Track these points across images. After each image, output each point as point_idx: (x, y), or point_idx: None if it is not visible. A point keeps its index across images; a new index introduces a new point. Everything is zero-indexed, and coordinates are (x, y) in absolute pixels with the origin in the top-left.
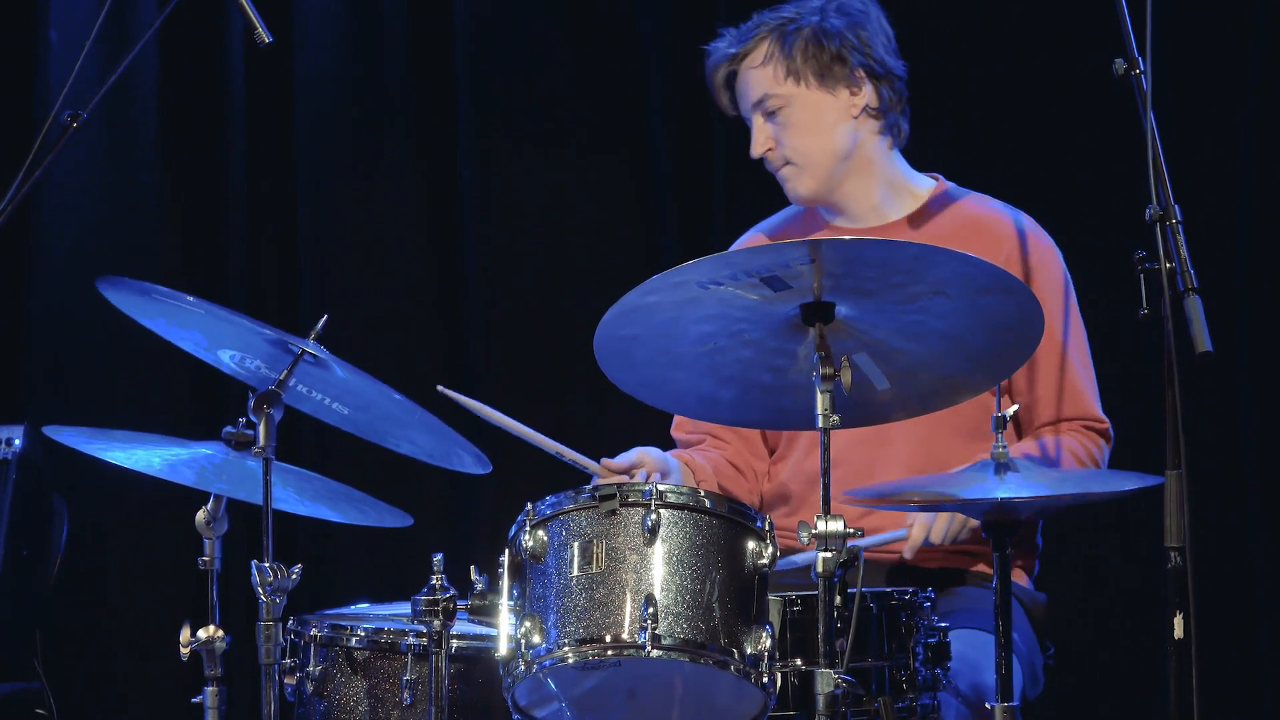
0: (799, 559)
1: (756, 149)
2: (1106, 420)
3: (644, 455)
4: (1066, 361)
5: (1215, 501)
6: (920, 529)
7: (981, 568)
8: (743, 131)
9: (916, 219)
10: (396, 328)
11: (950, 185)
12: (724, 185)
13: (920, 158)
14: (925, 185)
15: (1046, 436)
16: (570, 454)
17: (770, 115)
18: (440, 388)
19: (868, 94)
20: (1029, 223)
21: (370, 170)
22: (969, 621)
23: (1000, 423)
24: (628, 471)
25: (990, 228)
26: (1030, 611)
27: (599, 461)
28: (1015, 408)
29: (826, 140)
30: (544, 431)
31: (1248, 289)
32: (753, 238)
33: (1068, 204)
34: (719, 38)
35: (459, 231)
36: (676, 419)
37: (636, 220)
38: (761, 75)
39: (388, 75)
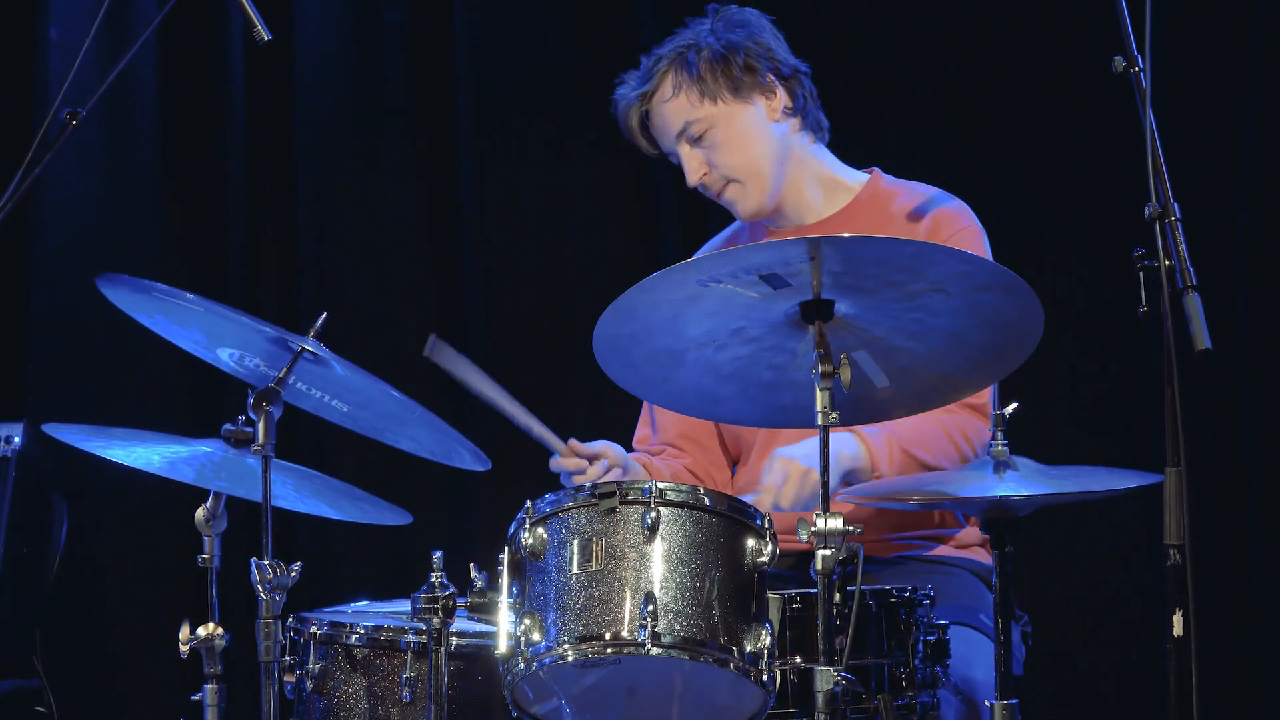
0: None
1: (692, 178)
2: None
3: (607, 448)
4: None
5: (1215, 499)
6: (768, 495)
7: (941, 551)
8: None
9: (848, 213)
10: (396, 326)
11: (886, 177)
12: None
13: (917, 157)
14: (857, 179)
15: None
16: (539, 429)
17: (696, 141)
18: (430, 344)
19: (782, 96)
20: (956, 205)
21: (370, 168)
22: (956, 616)
23: (1000, 420)
24: (591, 458)
25: (904, 210)
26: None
27: (567, 442)
28: (1015, 405)
29: (761, 148)
30: (546, 424)
31: (1247, 287)
32: (718, 243)
33: (1067, 202)
34: (621, 84)
35: (458, 230)
36: (638, 434)
37: (635, 219)
38: (676, 106)
39: (388, 73)
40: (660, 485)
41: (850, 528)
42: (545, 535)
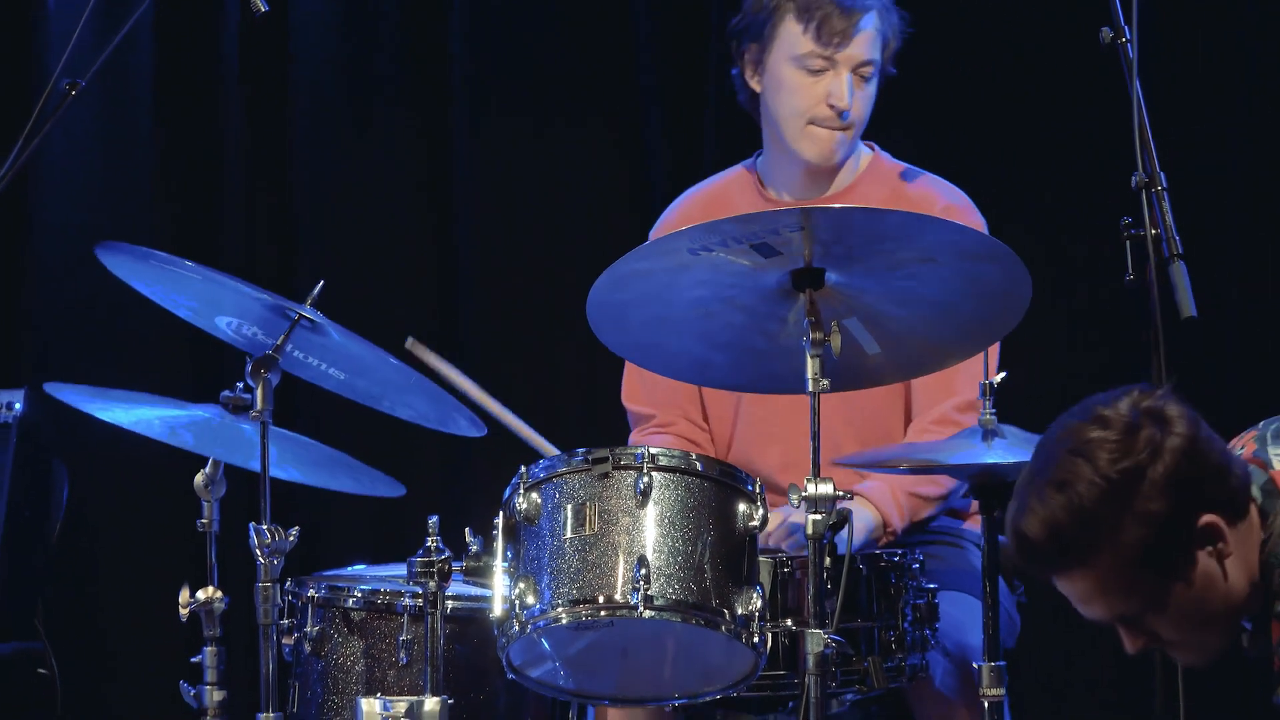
0: None
1: (845, 100)
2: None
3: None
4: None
5: None
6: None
7: (950, 522)
8: (730, 109)
9: (852, 192)
10: (392, 294)
11: (889, 158)
12: (711, 161)
13: (908, 129)
14: (864, 155)
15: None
16: (532, 435)
17: (863, 79)
18: (410, 342)
19: None
20: (962, 201)
21: (364, 137)
22: (951, 583)
23: (988, 390)
24: None
25: (918, 199)
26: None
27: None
28: (1003, 375)
29: (868, 113)
30: (539, 393)
31: (1233, 255)
32: (689, 201)
33: (1055, 172)
34: None
35: (452, 199)
36: (626, 390)
37: (627, 187)
38: (874, 41)
39: (381, 41)
40: (653, 450)
41: (840, 493)
42: (539, 500)
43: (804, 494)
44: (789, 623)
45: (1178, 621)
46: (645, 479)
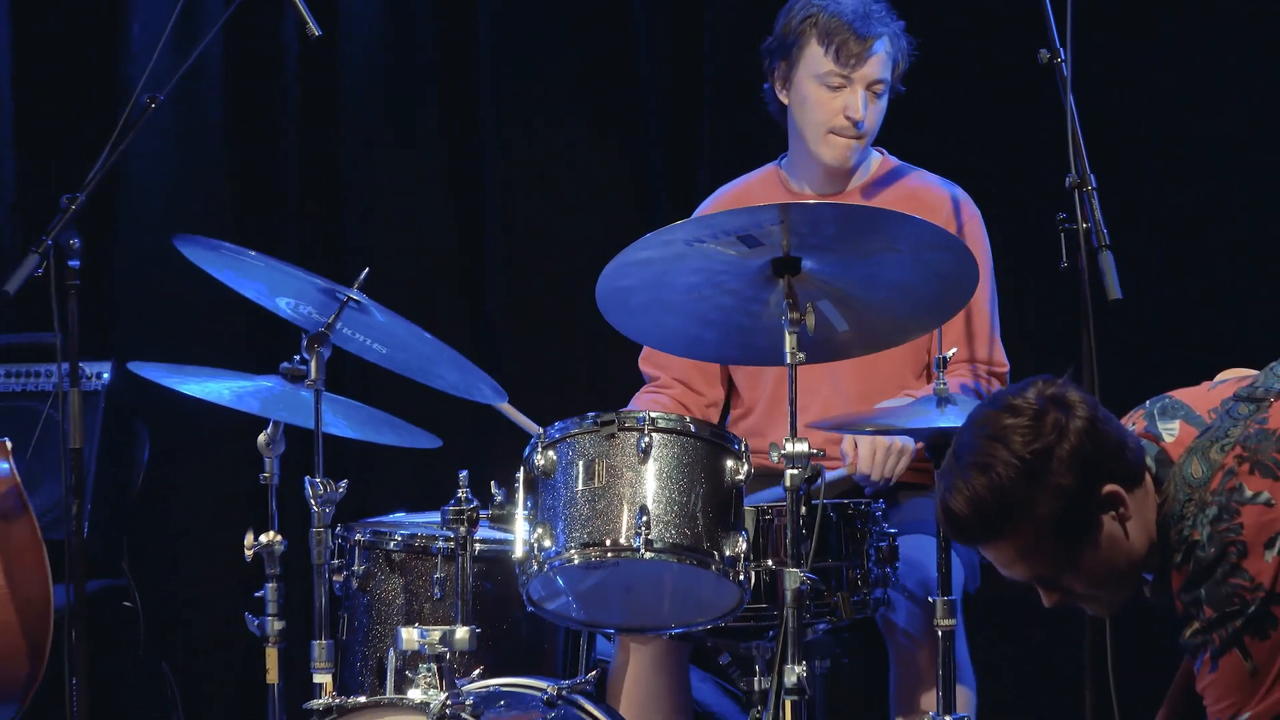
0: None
1: (860, 113)
2: (1007, 365)
3: None
4: (981, 315)
5: None
6: (865, 468)
7: (923, 478)
8: (725, 114)
9: (868, 189)
10: (426, 279)
11: (895, 160)
12: (709, 164)
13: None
14: (875, 158)
15: (955, 378)
16: (519, 418)
17: (876, 95)
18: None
19: None
20: (962, 194)
21: (404, 145)
22: (915, 528)
23: (941, 363)
24: None
25: (929, 199)
26: None
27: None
28: (954, 350)
29: (879, 124)
30: (554, 364)
31: (1154, 246)
32: (724, 196)
33: (1001, 174)
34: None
35: (480, 196)
36: (645, 353)
37: (631, 189)
38: (886, 63)
39: (418, 65)
40: (653, 414)
41: (814, 450)
42: (555, 457)
43: (782, 451)
44: (770, 563)
45: (1088, 579)
46: (646, 439)
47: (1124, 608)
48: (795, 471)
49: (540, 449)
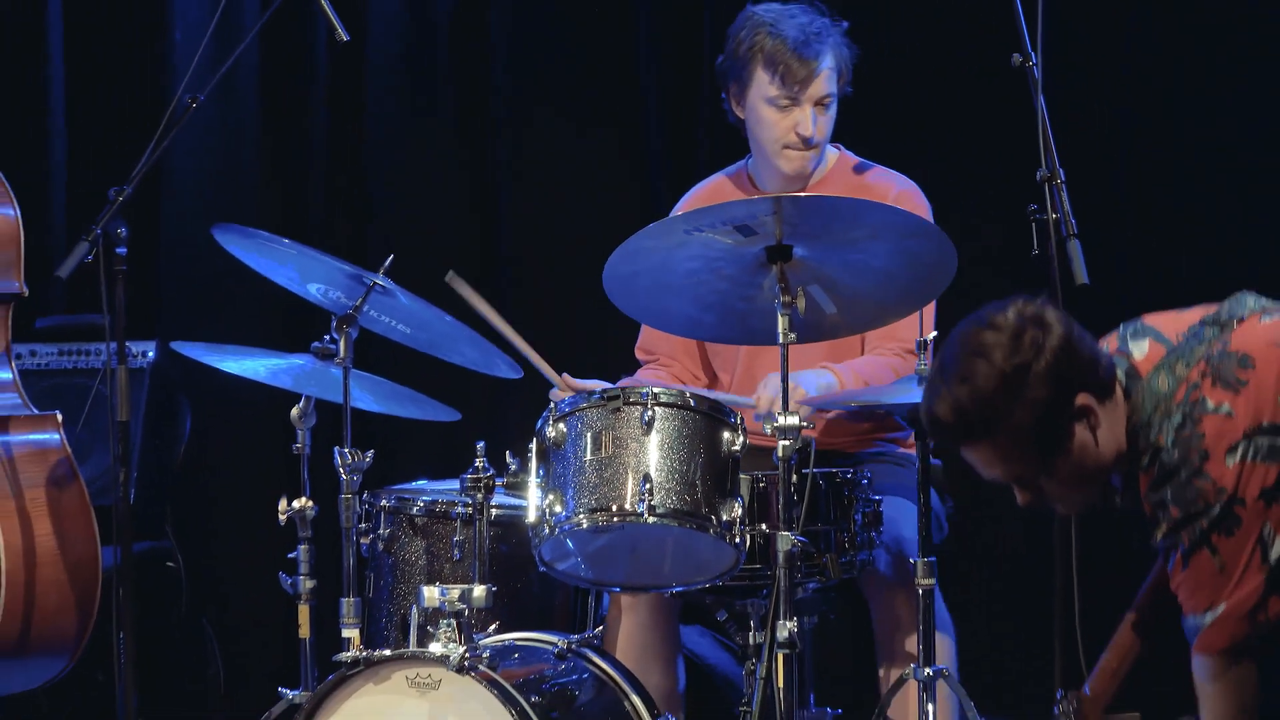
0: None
1: (810, 130)
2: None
3: (596, 384)
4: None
5: None
6: (764, 404)
7: (896, 449)
8: (722, 112)
9: (824, 183)
10: (448, 263)
11: (852, 155)
12: (706, 160)
13: (867, 137)
14: (832, 155)
15: (879, 357)
16: (538, 360)
17: (824, 108)
18: (450, 276)
19: None
20: (910, 186)
21: (424, 143)
22: (892, 491)
23: (922, 345)
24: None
25: (879, 191)
26: (931, 475)
27: (561, 375)
28: (934, 334)
29: (830, 131)
30: (564, 344)
31: (1118, 235)
32: (699, 193)
33: (977, 168)
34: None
35: (494, 187)
36: (640, 343)
37: (634, 182)
38: (830, 77)
39: (437, 66)
40: (655, 389)
41: (804, 423)
42: (565, 429)
43: (776, 424)
44: (763, 526)
45: (1060, 481)
46: (649, 412)
47: (1089, 508)
48: (787, 443)
49: (552, 421)
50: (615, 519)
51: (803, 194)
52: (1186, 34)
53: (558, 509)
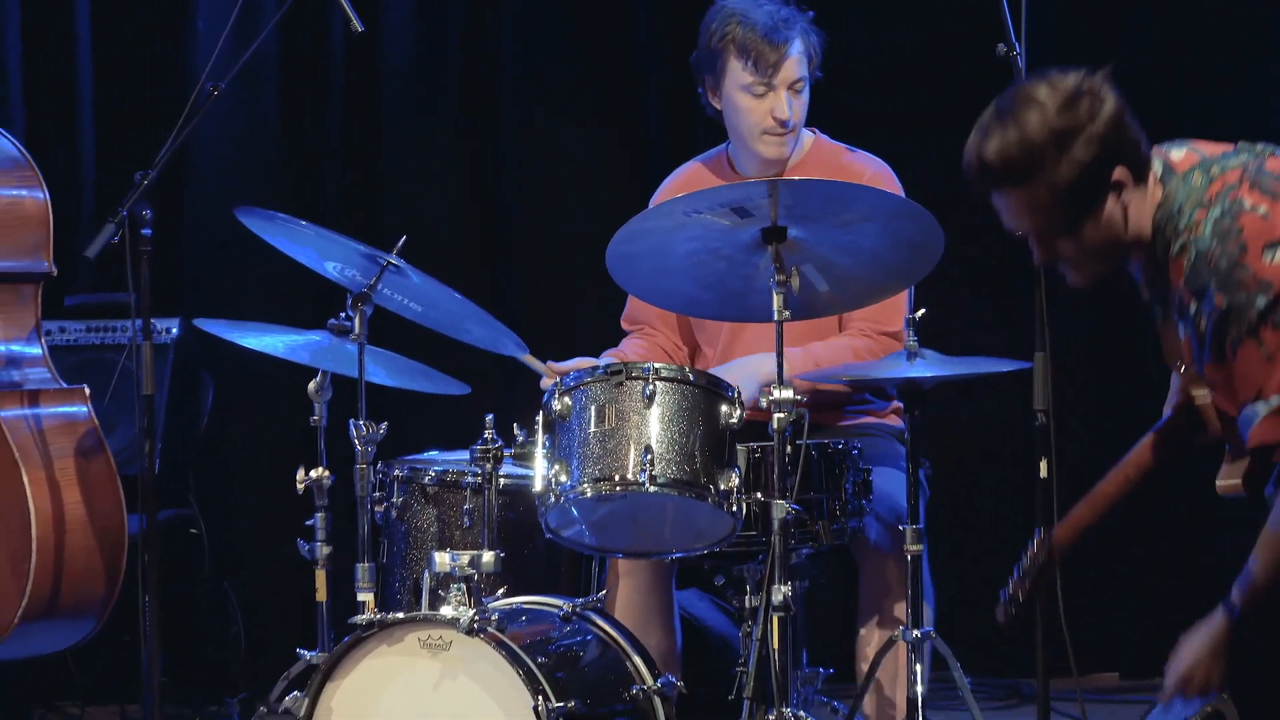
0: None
1: (786, 114)
2: (899, 326)
3: (579, 361)
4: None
5: (1076, 375)
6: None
7: (872, 420)
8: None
9: (802, 165)
10: (457, 246)
11: (827, 139)
12: (701, 147)
13: (857, 128)
14: (808, 139)
15: (845, 337)
16: (531, 359)
17: (797, 92)
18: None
19: None
20: (882, 168)
21: (434, 131)
22: (883, 463)
23: (912, 323)
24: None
25: (853, 172)
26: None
27: (545, 363)
28: (923, 311)
29: (805, 113)
30: (568, 321)
31: None
32: (680, 177)
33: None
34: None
35: (499, 173)
36: (625, 314)
37: (634, 180)
38: (801, 61)
39: (448, 58)
40: (656, 365)
41: (797, 397)
42: (570, 402)
43: (770, 398)
44: (759, 495)
45: (1080, 245)
46: (650, 386)
47: (1096, 283)
48: (781, 415)
49: (558, 395)
50: (618, 488)
51: (798, 178)
52: (1186, 34)
53: (563, 478)
